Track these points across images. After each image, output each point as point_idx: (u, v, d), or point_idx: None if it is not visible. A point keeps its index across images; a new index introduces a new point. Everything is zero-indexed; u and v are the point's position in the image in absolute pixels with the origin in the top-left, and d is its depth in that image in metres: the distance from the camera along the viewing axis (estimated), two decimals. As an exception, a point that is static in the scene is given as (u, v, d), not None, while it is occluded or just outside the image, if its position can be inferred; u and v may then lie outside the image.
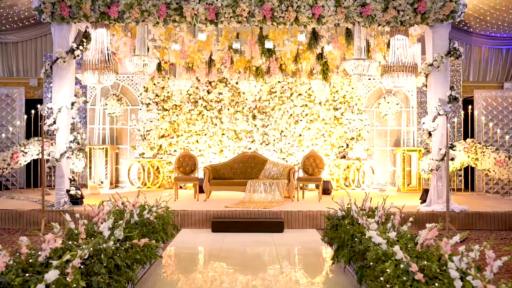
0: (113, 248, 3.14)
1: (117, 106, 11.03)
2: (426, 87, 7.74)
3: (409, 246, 3.57)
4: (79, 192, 7.63)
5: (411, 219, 4.10)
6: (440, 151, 7.42)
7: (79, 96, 7.60)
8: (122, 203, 5.41)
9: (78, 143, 7.60)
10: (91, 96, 11.15)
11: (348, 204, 5.62)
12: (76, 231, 3.64)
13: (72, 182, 7.75)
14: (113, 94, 11.16)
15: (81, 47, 7.45)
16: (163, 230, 4.97)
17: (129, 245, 3.61)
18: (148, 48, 7.99)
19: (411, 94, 11.15)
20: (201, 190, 9.04)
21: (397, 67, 7.23)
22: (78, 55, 7.40)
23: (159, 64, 9.40)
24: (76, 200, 7.69)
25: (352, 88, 11.03)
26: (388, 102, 11.04)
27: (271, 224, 7.03)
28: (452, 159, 7.29)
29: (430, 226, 3.49)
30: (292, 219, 7.35)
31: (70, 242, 2.95)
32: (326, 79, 8.97)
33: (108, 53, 7.34)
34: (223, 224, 7.03)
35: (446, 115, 6.50)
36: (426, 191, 7.89)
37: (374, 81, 11.19)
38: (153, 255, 3.98)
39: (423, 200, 7.92)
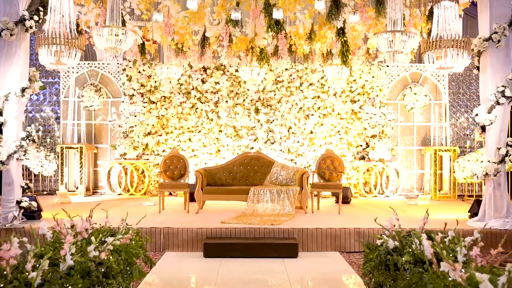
0: None
1: (95, 98, 9.34)
2: (478, 69, 6.08)
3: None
4: (34, 203, 5.94)
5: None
6: (499, 151, 5.75)
7: (34, 80, 5.91)
8: (72, 227, 3.73)
9: (34, 141, 5.91)
10: (65, 86, 9.47)
11: (395, 225, 3.98)
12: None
13: (27, 191, 6.06)
14: (91, 84, 9.47)
15: (35, 17, 5.77)
16: (126, 271, 3.29)
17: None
18: (123, 21, 6.32)
19: (442, 84, 9.47)
20: (193, 199, 7.37)
21: (446, 42, 5.54)
22: (31, 27, 5.72)
23: (142, 45, 7.73)
24: (31, 214, 6.03)
25: (373, 77, 9.35)
26: (415, 94, 9.36)
27: (282, 246, 5.36)
28: (517, 161, 5.61)
29: None
30: (308, 238, 5.67)
31: None
32: (346, 62, 7.30)
33: (71, 25, 5.64)
34: (218, 246, 5.35)
35: (516, 102, 4.83)
36: (477, 202, 6.21)
37: (397, 69, 9.52)
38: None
39: (473, 213, 6.25)
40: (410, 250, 3.22)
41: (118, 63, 9.20)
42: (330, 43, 7.36)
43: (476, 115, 5.91)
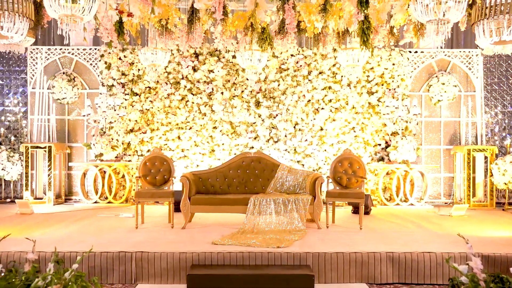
0: None
1: (69, 90, 7.97)
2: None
3: None
4: (-31, 219, 4.58)
5: None
6: None
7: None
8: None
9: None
10: (33, 75, 8.09)
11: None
12: None
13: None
14: (63, 73, 8.10)
15: (-32, -24, 4.40)
16: None
17: None
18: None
19: (475, 74, 8.10)
20: (180, 209, 5.98)
21: (510, 6, 4.18)
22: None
23: (119, 23, 6.36)
24: (-33, 232, 4.66)
25: (393, 64, 7.99)
26: (443, 84, 7.99)
27: (292, 278, 4.00)
28: None
29: None
30: (326, 266, 4.31)
31: None
32: (367, 42, 5.90)
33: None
34: (207, 279, 3.99)
35: None
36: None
37: (422, 55, 8.16)
38: None
39: (535, 230, 4.89)
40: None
41: (96, 48, 7.87)
42: (348, 19, 5.98)
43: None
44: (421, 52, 8.13)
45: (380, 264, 4.32)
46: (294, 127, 7.92)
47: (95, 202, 7.62)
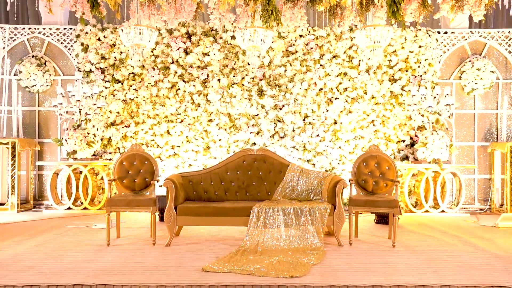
0: None
1: (38, 76, 6.79)
2: None
3: None
4: None
5: None
6: None
7: None
8: None
9: None
10: (-4, 59, 6.92)
11: None
12: None
13: None
14: (32, 56, 6.91)
15: None
16: None
17: None
18: None
19: (515, 56, 6.94)
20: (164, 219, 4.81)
21: None
22: None
23: (93, -7, 5.17)
24: None
25: (420, 47, 6.81)
26: (478, 69, 6.81)
27: (314, 328, 2.83)
28: None
29: None
30: (358, 305, 3.14)
31: None
32: (397, 14, 4.78)
33: None
34: (194, 328, 2.83)
35: None
36: None
37: (452, 36, 6.98)
38: None
39: None
40: None
41: (72, 28, 6.70)
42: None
43: None
44: (452, 33, 6.96)
45: (431, 299, 3.15)
46: (304, 120, 6.73)
47: (68, 209, 6.43)
